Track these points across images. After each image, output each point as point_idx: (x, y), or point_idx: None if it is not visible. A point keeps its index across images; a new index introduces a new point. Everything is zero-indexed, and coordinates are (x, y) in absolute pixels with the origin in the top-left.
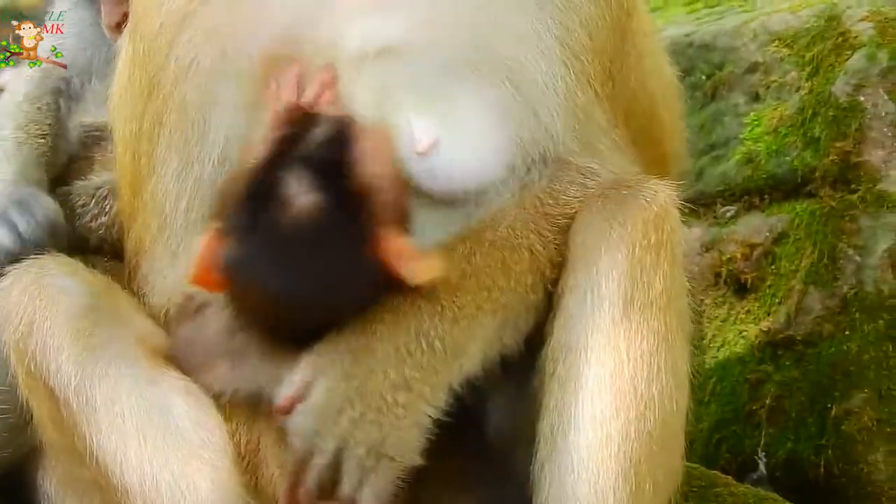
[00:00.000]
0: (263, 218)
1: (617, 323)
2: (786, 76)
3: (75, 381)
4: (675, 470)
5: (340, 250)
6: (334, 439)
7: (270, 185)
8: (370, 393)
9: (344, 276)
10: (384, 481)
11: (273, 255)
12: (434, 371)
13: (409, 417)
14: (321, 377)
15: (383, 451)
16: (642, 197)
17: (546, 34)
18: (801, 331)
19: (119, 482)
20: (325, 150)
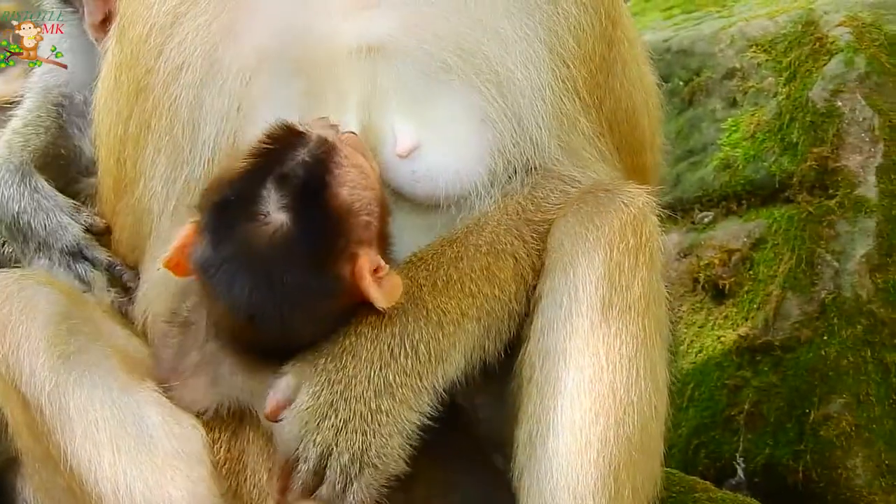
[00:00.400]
0: (236, 228)
1: (595, 327)
2: (763, 82)
3: (49, 387)
4: (654, 475)
5: (306, 270)
6: (318, 446)
7: (247, 197)
8: (354, 398)
9: (307, 297)
10: (367, 489)
11: (239, 266)
12: (418, 376)
13: (392, 425)
14: (306, 382)
15: (367, 459)
16: (620, 200)
17: (535, 40)
18: (779, 336)
19: (93, 490)
20: (304, 170)
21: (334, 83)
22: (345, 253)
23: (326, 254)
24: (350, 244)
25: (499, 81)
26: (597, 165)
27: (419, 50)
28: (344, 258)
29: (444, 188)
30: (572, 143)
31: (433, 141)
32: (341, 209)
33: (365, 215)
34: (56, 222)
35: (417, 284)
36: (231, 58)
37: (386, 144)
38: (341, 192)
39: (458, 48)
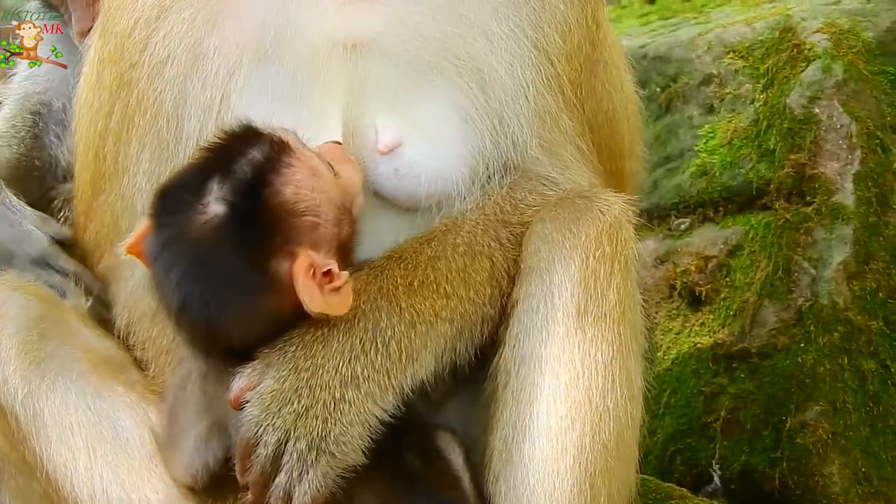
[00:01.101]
0: (175, 215)
1: (571, 334)
2: (740, 88)
3: (22, 394)
4: (630, 482)
5: (237, 264)
6: (277, 430)
7: (192, 187)
8: (319, 387)
9: (235, 291)
10: (323, 477)
11: (176, 254)
12: (386, 373)
13: (354, 415)
14: (273, 367)
15: (325, 446)
16: (597, 208)
17: (521, 37)
18: (755, 343)
19: (70, 495)
20: (250, 166)
21: (317, 78)
22: (281, 252)
23: (260, 250)
24: (287, 243)
25: (482, 79)
26: (576, 167)
27: (403, 47)
28: (280, 257)
29: (426, 186)
30: (553, 143)
31: (415, 139)
32: (281, 207)
33: (311, 216)
34: (21, 233)
35: (394, 283)
36: (215, 51)
37: (368, 141)
38: (284, 191)
39: (443, 47)
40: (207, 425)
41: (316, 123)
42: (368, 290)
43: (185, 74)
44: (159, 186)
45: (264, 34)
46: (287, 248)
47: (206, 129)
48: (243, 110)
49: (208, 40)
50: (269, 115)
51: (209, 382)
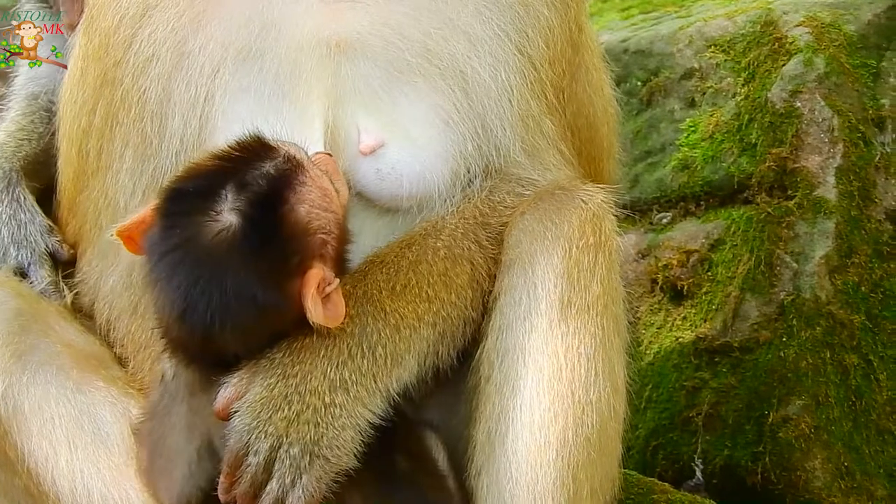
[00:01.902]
0: (186, 219)
1: (554, 326)
2: (722, 82)
3: (3, 386)
4: (613, 476)
5: (250, 278)
6: (269, 437)
7: (205, 193)
8: (309, 392)
9: (243, 303)
10: (317, 482)
11: (182, 258)
12: (372, 377)
13: (346, 418)
14: (260, 375)
15: (318, 450)
16: (579, 198)
17: (505, 40)
18: (737, 337)
19: (51, 489)
20: (266, 181)
21: (300, 78)
22: (294, 268)
23: (273, 266)
24: (301, 261)
25: (465, 83)
26: (558, 170)
27: (386, 49)
28: (292, 273)
29: (408, 188)
30: (535, 146)
31: (398, 140)
32: (297, 225)
33: (322, 234)
34: (23, 235)
35: (377, 287)
36: (200, 50)
37: (350, 141)
38: (299, 210)
39: (425, 49)
40: (196, 447)
41: (299, 122)
42: (354, 295)
43: (170, 73)
44: (169, 185)
45: (249, 33)
46: (301, 266)
47: (189, 127)
48: (226, 108)
49: (193, 39)
50: (253, 114)
51: (195, 393)
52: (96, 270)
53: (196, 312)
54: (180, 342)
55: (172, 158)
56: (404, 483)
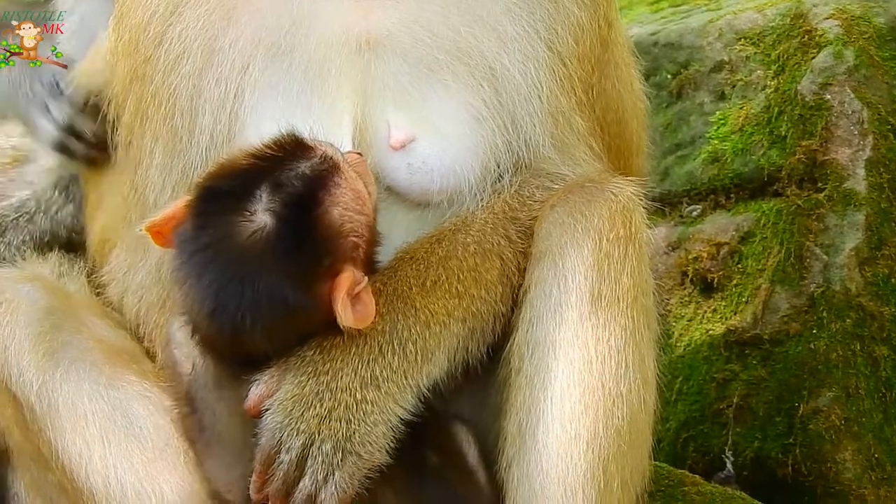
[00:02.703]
0: (220, 218)
1: (584, 318)
2: (752, 75)
3: (37, 385)
4: (643, 468)
5: (282, 280)
6: (301, 434)
7: (239, 192)
8: (340, 389)
9: (274, 304)
10: (349, 479)
11: (214, 257)
12: (403, 374)
13: (377, 414)
14: (291, 372)
15: (350, 447)
16: (608, 190)
17: (535, 38)
18: (767, 330)
19: (84, 485)
20: (301, 182)
21: (329, 74)
22: (326, 270)
23: (306, 268)
24: (333, 263)
25: (494, 79)
26: (588, 165)
27: (415, 46)
28: (324, 276)
29: (439, 182)
30: (565, 142)
31: (428, 135)
32: (330, 227)
33: (354, 237)
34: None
35: (407, 284)
36: (230, 46)
37: (380, 137)
38: (333, 212)
39: (455, 46)
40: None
41: (327, 118)
42: (385, 292)
43: (200, 69)
44: (203, 182)
45: (279, 29)
46: (332, 268)
47: (219, 123)
48: (255, 104)
49: (224, 36)
50: (282, 110)
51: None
52: (125, 264)
53: (226, 312)
54: (209, 340)
55: (202, 154)
56: (435, 478)
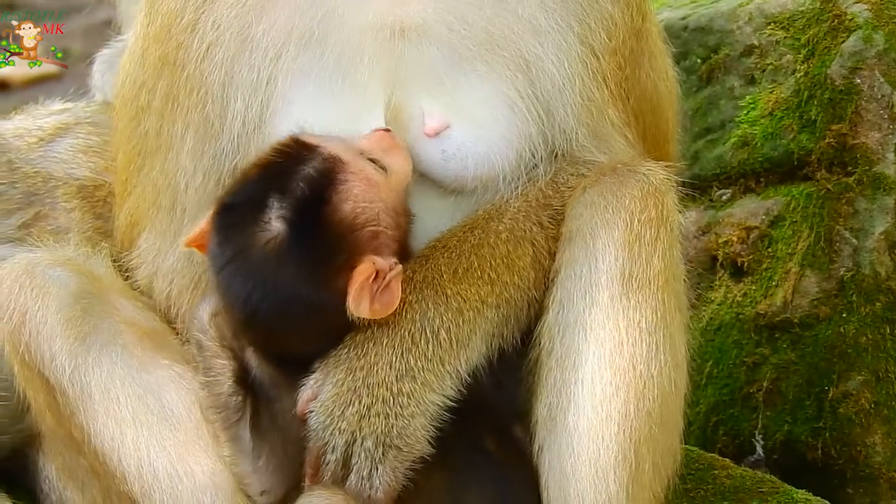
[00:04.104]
0: (238, 231)
1: (615, 300)
2: (781, 59)
3: (69, 369)
4: (674, 450)
5: (301, 281)
6: (343, 433)
7: (252, 203)
8: (376, 384)
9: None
10: (393, 472)
11: (238, 268)
12: (440, 361)
13: (414, 406)
14: (330, 373)
15: (390, 441)
16: (641, 173)
17: (568, 32)
18: (797, 313)
19: (117, 468)
20: (306, 184)
21: (362, 62)
22: (344, 266)
23: (322, 268)
24: (350, 257)
25: (528, 70)
26: (623, 154)
27: (449, 35)
28: (343, 271)
29: (473, 169)
30: (601, 132)
31: (462, 123)
32: (342, 224)
33: (371, 227)
34: None
35: (438, 272)
36: (263, 34)
37: (414, 124)
38: (343, 207)
39: (489, 37)
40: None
41: (360, 106)
42: (414, 280)
43: (233, 57)
44: (220, 198)
45: (312, 17)
46: (349, 263)
47: (251, 110)
48: (288, 92)
49: (257, 23)
50: (314, 97)
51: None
52: (154, 248)
53: (257, 319)
54: (254, 344)
55: (233, 141)
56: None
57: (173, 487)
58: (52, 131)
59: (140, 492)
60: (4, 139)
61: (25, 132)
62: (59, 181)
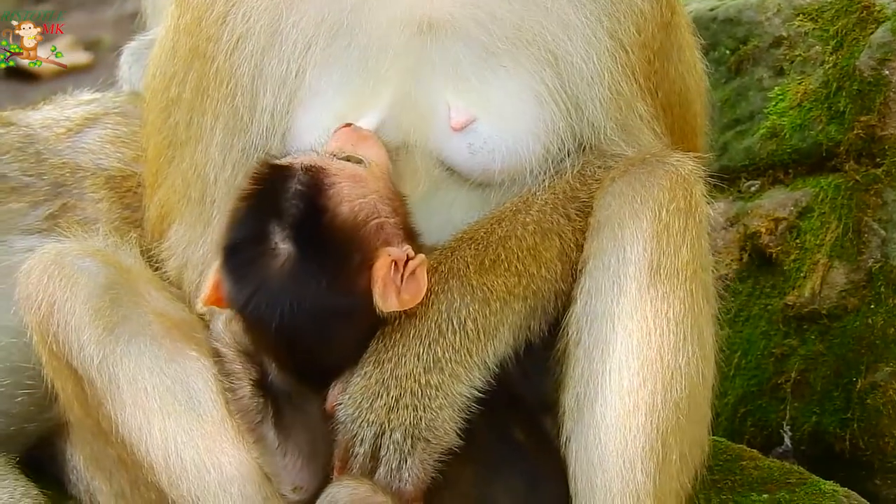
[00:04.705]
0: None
1: (643, 290)
2: (810, 50)
3: (97, 359)
4: (702, 442)
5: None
6: (371, 426)
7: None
8: (404, 376)
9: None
10: (421, 464)
11: (264, 301)
12: (467, 352)
13: (442, 398)
14: (358, 366)
15: (418, 433)
16: (669, 163)
17: (597, 26)
18: (825, 305)
19: (144, 459)
20: (298, 198)
21: (388, 55)
22: (361, 264)
23: (342, 273)
24: (365, 254)
25: (557, 65)
26: (652, 148)
27: (477, 30)
28: (361, 269)
29: (500, 162)
30: (630, 126)
31: (489, 116)
32: (344, 226)
33: (374, 220)
34: None
35: (464, 262)
36: (293, 27)
37: (440, 118)
38: (341, 211)
39: (517, 31)
40: None
41: (385, 99)
42: (439, 271)
43: (263, 49)
44: (221, 244)
45: (341, 9)
46: (366, 260)
47: (279, 102)
48: (314, 84)
49: (287, 15)
50: (339, 89)
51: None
52: (184, 239)
53: (297, 347)
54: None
55: (262, 134)
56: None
57: (201, 478)
58: (80, 122)
59: (167, 482)
60: (32, 130)
61: (53, 123)
62: (87, 172)
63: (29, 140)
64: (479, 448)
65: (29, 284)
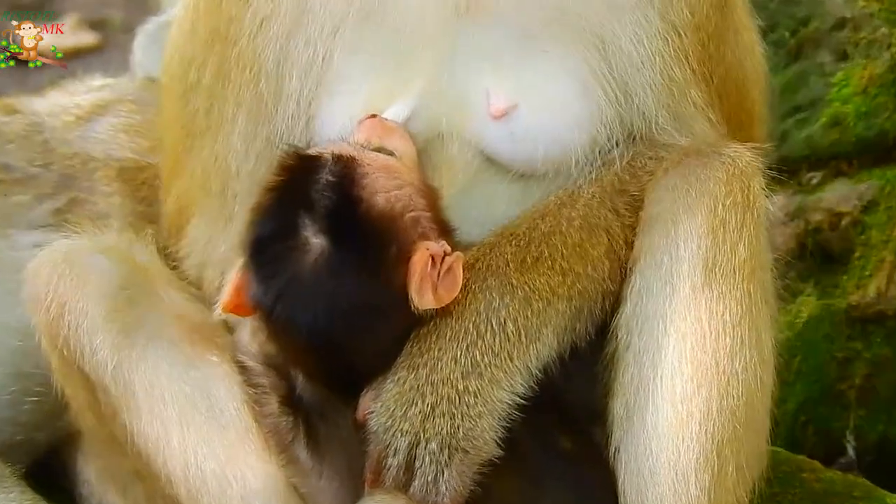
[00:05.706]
0: (280, 263)
1: (697, 290)
2: (876, 32)
3: (111, 365)
4: (760, 452)
5: (363, 287)
6: (406, 435)
7: (282, 230)
8: (440, 382)
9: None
10: (459, 476)
11: (295, 299)
12: (507, 356)
13: (481, 405)
14: (391, 372)
15: (455, 443)
16: (726, 155)
17: (647, 6)
18: (892, 305)
19: (161, 471)
20: (331, 190)
21: (422, 39)
22: (398, 258)
23: (379, 267)
24: (402, 247)
25: (604, 49)
26: (707, 137)
27: (518, 12)
28: (398, 263)
29: (544, 151)
30: (683, 114)
31: (531, 103)
32: (381, 218)
33: (409, 212)
34: None
35: (504, 260)
36: (321, 7)
37: (479, 105)
38: (377, 202)
39: (561, 13)
40: None
41: (420, 86)
42: (477, 268)
43: (289, 31)
44: (246, 238)
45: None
46: (403, 254)
47: (306, 88)
48: (343, 69)
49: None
50: (368, 75)
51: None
52: (204, 236)
53: (331, 351)
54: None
55: (288, 122)
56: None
57: (222, 492)
58: (90, 109)
59: (187, 496)
60: (39, 118)
61: (62, 110)
62: (98, 163)
63: (35, 128)
64: (522, 459)
65: (37, 284)
